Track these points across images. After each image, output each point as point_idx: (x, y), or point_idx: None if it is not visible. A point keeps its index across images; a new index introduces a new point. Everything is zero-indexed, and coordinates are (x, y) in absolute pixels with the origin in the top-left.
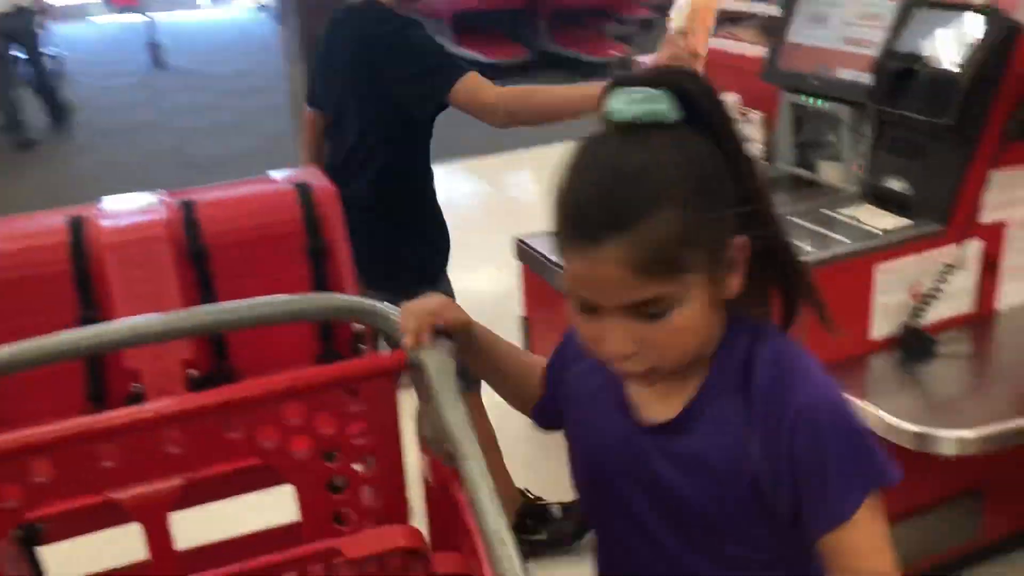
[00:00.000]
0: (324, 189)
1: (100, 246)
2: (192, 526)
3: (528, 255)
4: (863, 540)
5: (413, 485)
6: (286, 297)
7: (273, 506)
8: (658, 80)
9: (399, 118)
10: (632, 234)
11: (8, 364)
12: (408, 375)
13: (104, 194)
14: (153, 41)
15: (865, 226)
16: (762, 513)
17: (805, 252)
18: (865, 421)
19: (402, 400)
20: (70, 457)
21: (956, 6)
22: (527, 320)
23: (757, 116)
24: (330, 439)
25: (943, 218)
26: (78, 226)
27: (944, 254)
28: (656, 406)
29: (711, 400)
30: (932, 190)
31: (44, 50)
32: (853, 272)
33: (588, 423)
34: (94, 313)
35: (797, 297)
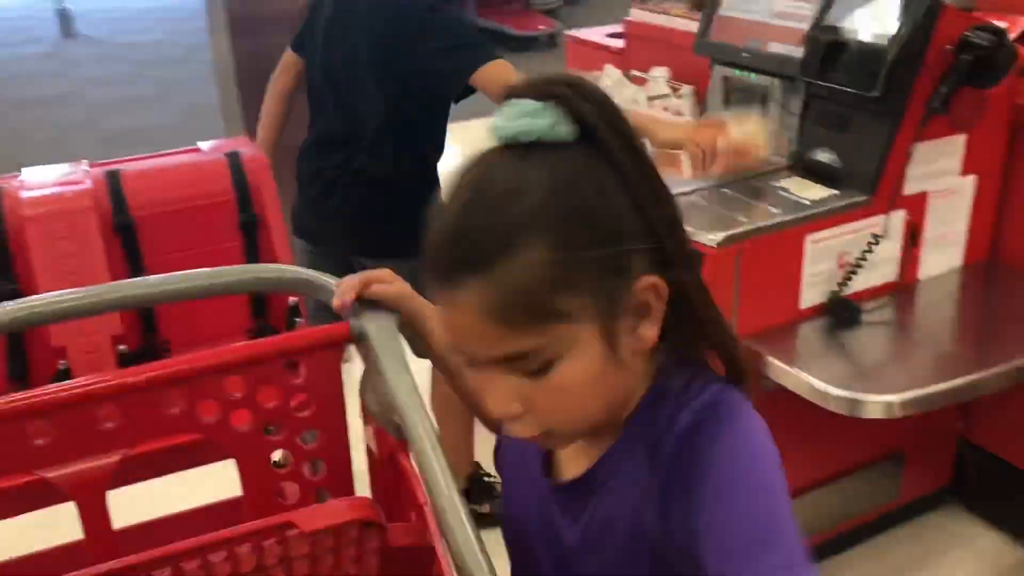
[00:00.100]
0: (256, 159)
1: (21, 218)
2: (132, 503)
3: None
4: None
5: (357, 457)
6: (226, 269)
7: (210, 483)
8: (543, 90)
9: (424, 93)
10: (490, 276)
11: None
12: (354, 346)
13: (14, 171)
14: (62, 8)
15: (795, 197)
16: None
17: (738, 222)
18: (790, 506)
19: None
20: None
21: None
22: None
23: (688, 89)
24: (273, 412)
25: (870, 189)
26: None
27: (870, 224)
28: (572, 463)
29: (619, 461)
30: (859, 162)
31: None
32: (784, 242)
33: (515, 476)
34: (15, 287)
35: (717, 350)
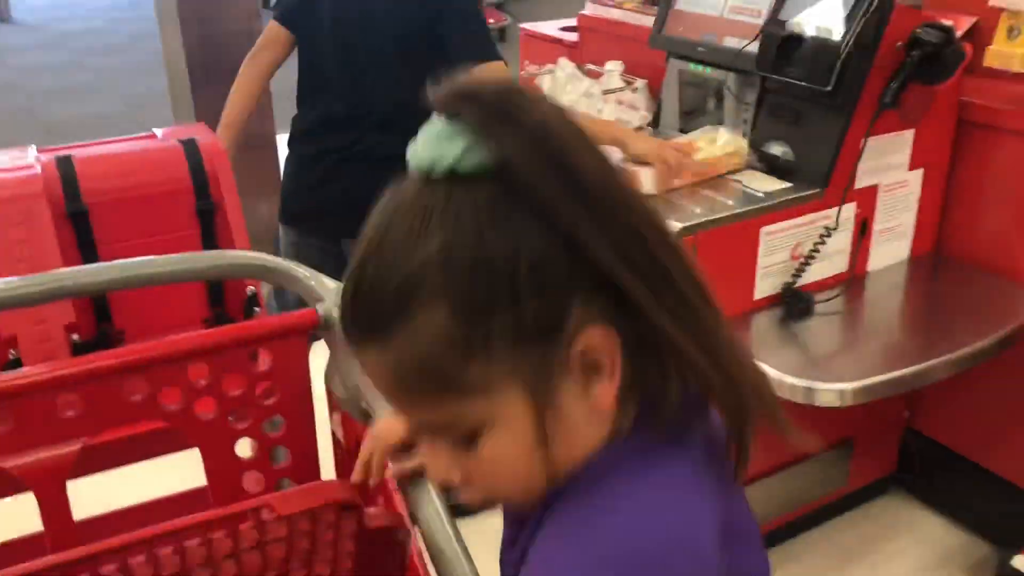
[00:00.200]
0: (212, 146)
1: None
2: (93, 493)
3: None
4: None
5: (322, 443)
6: (192, 255)
7: (171, 474)
8: (456, 108)
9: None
10: (386, 343)
11: None
12: (320, 333)
13: None
14: None
15: (749, 189)
16: None
17: (694, 213)
18: None
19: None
20: None
21: None
22: None
23: (642, 83)
24: (237, 400)
25: (822, 182)
26: None
27: (823, 216)
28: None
29: (532, 527)
30: (812, 155)
31: None
32: (739, 234)
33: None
34: None
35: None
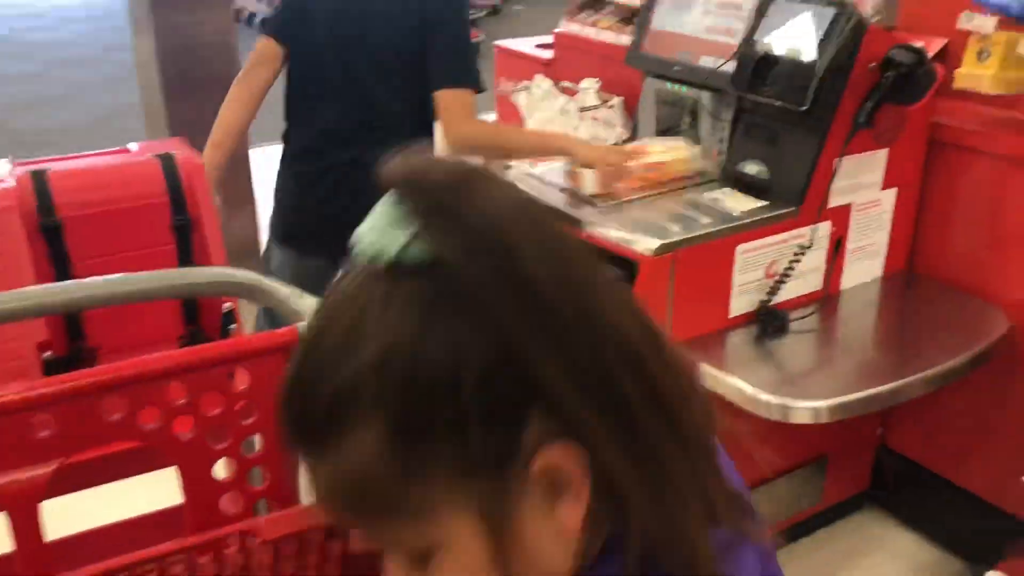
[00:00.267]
0: (189, 160)
1: None
2: (64, 512)
3: None
4: None
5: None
6: (170, 272)
7: (143, 492)
8: (404, 190)
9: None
10: (320, 457)
11: None
12: None
13: None
14: None
15: (725, 208)
16: None
17: (672, 231)
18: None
19: None
20: None
21: (811, 0)
22: None
23: (617, 100)
24: (217, 419)
25: (797, 201)
26: None
27: (797, 235)
28: None
29: None
30: (787, 174)
31: None
32: (715, 252)
33: None
34: None
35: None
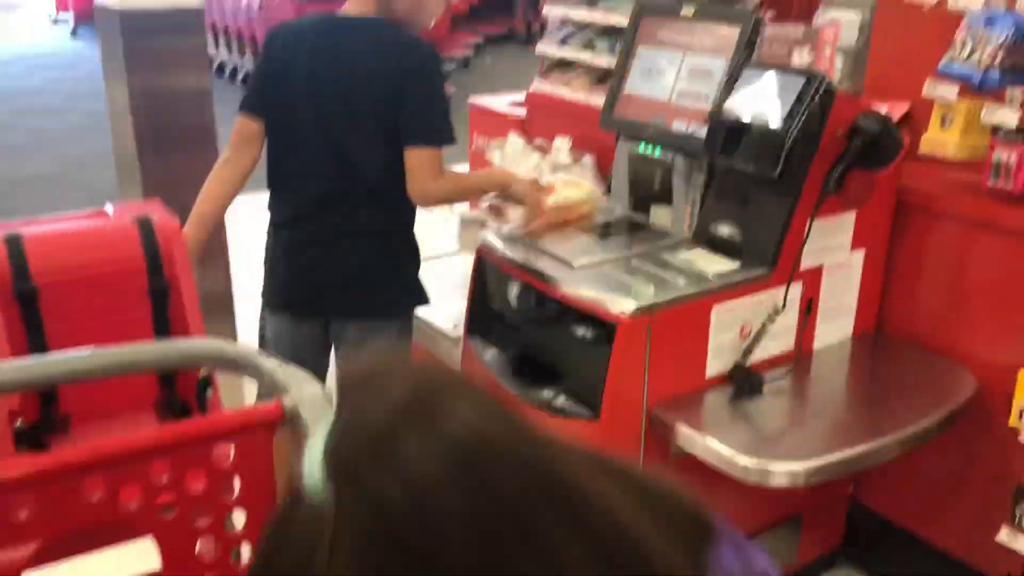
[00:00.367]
0: (167, 224)
1: None
2: None
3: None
4: None
5: None
6: (148, 345)
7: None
8: (334, 440)
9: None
10: None
11: None
12: (286, 426)
13: None
14: None
15: (699, 269)
16: None
17: (648, 294)
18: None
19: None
20: None
21: (781, 68)
22: None
23: (588, 159)
24: (199, 496)
25: (770, 263)
26: None
27: (771, 296)
28: None
29: None
30: (760, 237)
31: None
32: (692, 313)
33: None
34: None
35: None
